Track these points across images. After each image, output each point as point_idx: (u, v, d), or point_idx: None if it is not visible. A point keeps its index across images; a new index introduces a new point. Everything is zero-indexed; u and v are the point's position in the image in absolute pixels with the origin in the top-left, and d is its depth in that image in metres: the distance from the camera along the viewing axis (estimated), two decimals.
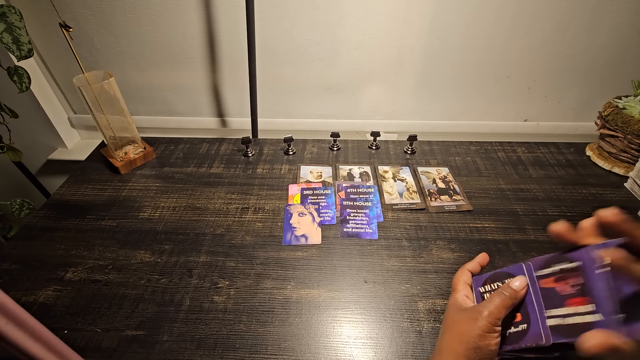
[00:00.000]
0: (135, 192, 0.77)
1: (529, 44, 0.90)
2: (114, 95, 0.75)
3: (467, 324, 0.38)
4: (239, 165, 0.85)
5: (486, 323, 0.37)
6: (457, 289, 0.44)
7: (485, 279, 0.45)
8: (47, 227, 0.69)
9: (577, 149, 0.89)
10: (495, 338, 0.37)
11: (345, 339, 0.52)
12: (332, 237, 0.67)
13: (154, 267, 0.62)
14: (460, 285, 0.45)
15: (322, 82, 1.00)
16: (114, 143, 0.82)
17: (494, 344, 0.36)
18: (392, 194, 0.76)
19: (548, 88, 0.99)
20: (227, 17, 0.89)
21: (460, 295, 0.43)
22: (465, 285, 0.45)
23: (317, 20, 0.89)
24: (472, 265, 0.47)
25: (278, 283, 0.59)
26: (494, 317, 0.37)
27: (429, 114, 1.06)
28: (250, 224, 0.69)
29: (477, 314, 0.38)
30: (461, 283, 0.45)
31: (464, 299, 0.43)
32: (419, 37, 0.91)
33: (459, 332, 0.38)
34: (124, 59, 0.98)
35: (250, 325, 0.53)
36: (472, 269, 0.47)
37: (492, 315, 0.37)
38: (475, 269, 0.47)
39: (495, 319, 0.37)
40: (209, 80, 1.01)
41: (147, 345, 0.51)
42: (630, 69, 0.93)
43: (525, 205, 0.73)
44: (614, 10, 0.84)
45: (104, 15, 0.90)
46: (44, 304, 0.56)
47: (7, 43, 0.75)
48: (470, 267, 0.47)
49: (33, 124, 1.09)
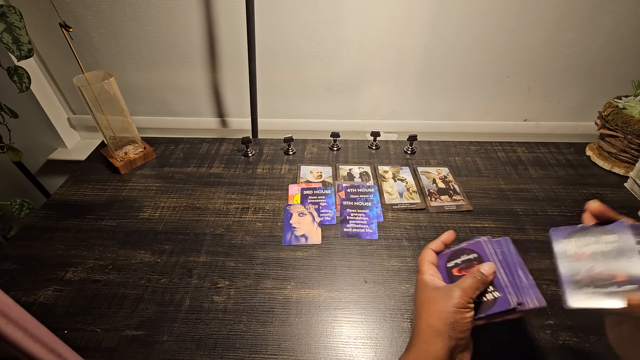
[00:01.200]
0: (135, 192, 0.77)
1: (528, 44, 0.90)
2: (113, 95, 0.75)
3: (443, 302, 0.41)
4: (239, 165, 0.85)
5: (460, 300, 0.40)
6: (423, 270, 0.46)
7: (449, 255, 0.47)
8: (47, 227, 0.69)
9: (577, 149, 0.89)
10: (469, 312, 0.40)
11: (345, 339, 0.52)
12: (332, 237, 0.67)
13: (154, 267, 0.62)
14: (426, 265, 0.47)
15: (322, 82, 1.00)
16: (114, 143, 0.82)
17: (468, 316, 0.40)
18: (392, 194, 0.76)
19: (548, 88, 0.99)
20: (227, 17, 0.89)
21: (427, 276, 0.45)
22: (430, 265, 0.47)
23: (317, 20, 0.89)
24: (435, 244, 0.49)
25: (278, 283, 0.59)
26: (468, 295, 0.40)
27: (429, 114, 1.06)
28: (250, 224, 0.69)
29: (451, 292, 0.41)
30: (426, 263, 0.47)
31: (431, 278, 0.45)
32: (419, 37, 0.91)
33: (436, 309, 0.41)
34: (123, 59, 0.98)
35: (250, 325, 0.53)
36: (435, 248, 0.48)
37: (465, 294, 0.40)
38: (439, 247, 0.48)
39: (469, 297, 0.40)
40: (209, 81, 1.01)
41: (147, 345, 0.51)
42: (629, 68, 0.93)
43: (525, 205, 0.73)
44: (613, 11, 0.84)
45: (103, 16, 0.90)
46: (44, 304, 0.56)
47: (7, 43, 0.75)
48: (434, 246, 0.49)
49: (33, 124, 1.09)
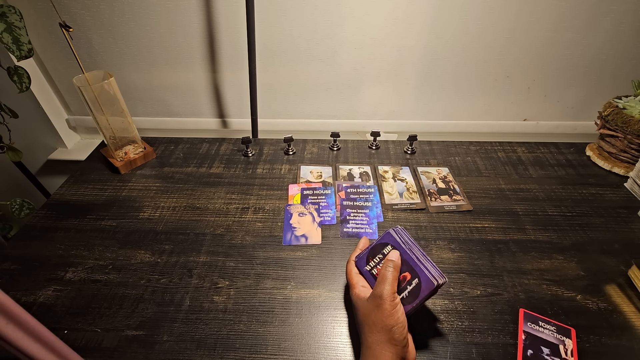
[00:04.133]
0: (135, 192, 0.77)
1: (528, 44, 0.91)
2: (113, 95, 0.75)
3: (375, 313, 0.42)
4: (239, 165, 0.85)
5: (389, 303, 0.41)
6: (353, 284, 0.48)
7: (366, 257, 0.50)
8: (47, 227, 0.69)
9: (577, 149, 0.89)
10: (400, 310, 0.42)
11: (345, 339, 0.52)
12: (332, 237, 0.67)
13: (154, 267, 0.62)
14: (355, 278, 0.48)
15: (322, 82, 1.00)
16: (114, 143, 0.82)
17: (400, 314, 0.42)
18: (392, 194, 0.76)
19: (547, 88, 0.99)
20: (227, 17, 0.89)
21: (359, 289, 0.47)
22: (359, 277, 0.49)
23: (317, 20, 0.89)
24: (355, 254, 0.51)
25: (278, 283, 0.59)
26: (391, 293, 0.42)
27: (429, 114, 1.06)
28: (250, 224, 0.69)
29: (378, 300, 0.42)
30: (354, 276, 0.49)
31: (363, 290, 0.46)
32: (419, 37, 0.91)
33: (373, 323, 0.42)
34: (122, 60, 0.98)
35: (250, 325, 0.53)
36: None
37: (388, 293, 0.42)
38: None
39: (392, 294, 0.42)
40: (208, 81, 1.01)
41: (147, 345, 0.51)
42: (628, 68, 0.93)
43: (525, 205, 0.73)
44: (613, 11, 0.84)
45: (102, 16, 0.90)
46: (44, 304, 0.56)
47: (7, 43, 0.75)
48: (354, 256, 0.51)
49: (33, 124, 1.08)
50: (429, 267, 0.46)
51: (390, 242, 0.49)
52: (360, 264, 0.50)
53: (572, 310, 0.54)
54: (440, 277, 0.45)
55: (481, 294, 0.57)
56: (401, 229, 0.50)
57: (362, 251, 0.51)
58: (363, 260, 0.49)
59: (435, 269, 0.46)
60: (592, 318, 0.53)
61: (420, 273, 0.45)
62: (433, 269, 0.46)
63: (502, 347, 0.50)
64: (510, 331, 0.52)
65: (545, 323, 0.52)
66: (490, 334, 0.52)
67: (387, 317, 0.41)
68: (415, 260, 0.46)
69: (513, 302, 0.55)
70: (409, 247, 0.48)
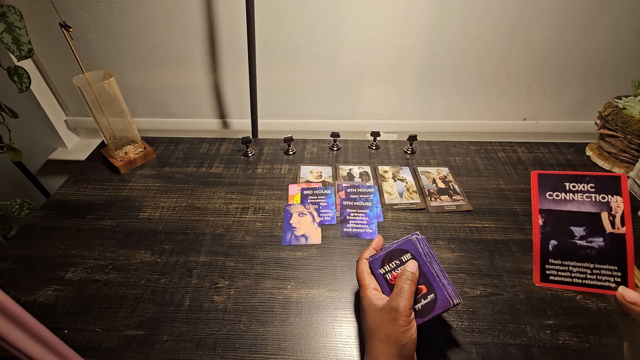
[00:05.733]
0: (135, 192, 0.77)
1: (528, 43, 0.91)
2: (114, 95, 0.75)
3: (389, 326, 0.41)
4: (239, 165, 0.85)
5: (404, 318, 0.40)
6: (365, 284, 0.46)
7: (382, 259, 0.47)
8: (47, 227, 0.69)
9: (577, 149, 0.89)
10: (413, 326, 0.41)
11: (345, 339, 0.52)
12: (332, 237, 0.67)
13: (154, 267, 0.62)
14: (366, 278, 0.46)
15: (322, 82, 1.00)
16: (114, 143, 0.82)
17: (414, 331, 0.41)
18: (392, 194, 0.76)
19: (547, 87, 0.99)
20: (227, 18, 0.89)
21: (370, 290, 0.45)
22: (371, 277, 0.47)
23: (317, 21, 0.89)
24: (368, 253, 0.49)
25: (278, 283, 0.59)
26: (408, 308, 0.41)
27: (429, 114, 1.06)
28: (250, 224, 0.69)
29: (394, 313, 0.41)
30: (366, 276, 0.47)
31: (374, 293, 0.45)
32: (418, 37, 0.91)
33: (385, 335, 0.41)
34: (122, 60, 0.98)
35: (250, 325, 0.53)
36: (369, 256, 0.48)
37: (406, 309, 0.40)
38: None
39: (409, 309, 0.41)
40: (208, 81, 1.01)
41: (147, 345, 0.51)
42: (628, 68, 0.94)
43: (525, 205, 0.73)
44: (613, 11, 0.84)
45: (101, 17, 0.90)
46: (44, 304, 0.56)
47: (7, 43, 0.75)
48: (368, 254, 0.49)
49: (33, 124, 1.09)
50: (446, 285, 0.44)
51: (410, 250, 0.46)
52: (374, 265, 0.47)
53: (572, 310, 0.54)
54: (456, 297, 0.44)
55: (481, 294, 0.57)
56: (423, 238, 0.47)
57: (377, 252, 0.49)
58: (378, 262, 0.47)
59: (452, 288, 0.44)
60: (592, 318, 0.53)
61: (438, 290, 0.44)
62: (450, 288, 0.44)
63: (502, 347, 0.50)
64: (510, 331, 0.52)
65: (577, 183, 0.35)
66: (490, 334, 0.52)
67: (401, 333, 0.40)
68: (434, 274, 0.45)
69: (513, 302, 0.55)
70: (429, 259, 0.45)
